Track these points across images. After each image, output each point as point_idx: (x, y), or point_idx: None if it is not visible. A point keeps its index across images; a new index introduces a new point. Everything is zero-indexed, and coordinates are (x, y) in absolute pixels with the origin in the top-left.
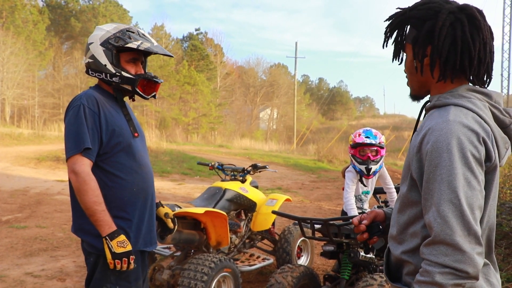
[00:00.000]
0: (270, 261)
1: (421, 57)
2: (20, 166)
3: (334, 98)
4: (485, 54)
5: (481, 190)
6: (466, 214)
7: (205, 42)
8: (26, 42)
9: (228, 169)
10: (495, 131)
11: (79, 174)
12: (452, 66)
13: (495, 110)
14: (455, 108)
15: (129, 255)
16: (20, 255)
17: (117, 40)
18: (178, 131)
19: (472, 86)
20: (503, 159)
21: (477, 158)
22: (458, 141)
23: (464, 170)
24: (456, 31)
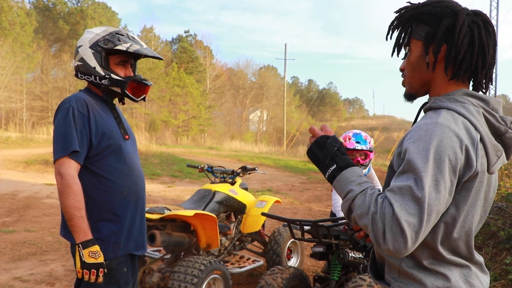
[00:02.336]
0: (260, 263)
1: (436, 54)
2: (8, 170)
3: (323, 100)
4: (493, 60)
5: (445, 197)
6: (424, 213)
7: (195, 44)
8: (13, 44)
9: (217, 171)
10: (485, 138)
11: (64, 176)
12: (468, 66)
13: (490, 117)
14: (447, 112)
15: (98, 267)
16: (8, 260)
17: (106, 43)
18: (167, 133)
19: (470, 91)
20: (495, 166)
21: (452, 164)
22: (439, 143)
23: (436, 172)
24: (473, 32)
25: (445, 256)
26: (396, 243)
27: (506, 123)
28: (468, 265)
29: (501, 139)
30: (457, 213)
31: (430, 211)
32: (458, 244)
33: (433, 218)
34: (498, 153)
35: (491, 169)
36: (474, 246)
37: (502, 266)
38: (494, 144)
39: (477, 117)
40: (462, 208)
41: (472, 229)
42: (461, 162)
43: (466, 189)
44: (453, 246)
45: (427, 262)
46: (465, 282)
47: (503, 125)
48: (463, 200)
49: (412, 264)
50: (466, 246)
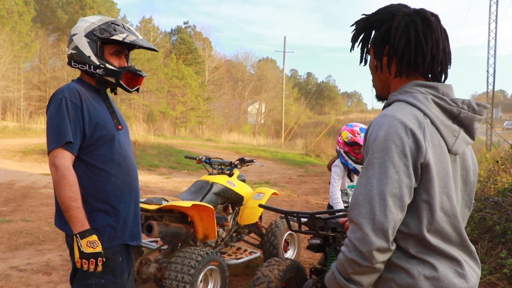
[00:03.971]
0: (257, 255)
1: (380, 56)
2: (5, 159)
3: (322, 93)
4: (438, 52)
5: (400, 180)
6: (374, 200)
7: (194, 35)
8: (11, 33)
9: (215, 163)
10: (435, 120)
11: (59, 167)
12: (407, 63)
13: (440, 101)
14: (397, 103)
15: (97, 257)
16: (5, 249)
17: (102, 32)
18: (166, 124)
19: (420, 81)
20: (455, 147)
21: (400, 148)
22: (385, 133)
23: (384, 160)
24: (410, 30)
25: (433, 244)
26: (362, 240)
27: (458, 104)
28: (458, 257)
29: (457, 120)
30: (429, 197)
31: (382, 197)
32: (444, 228)
33: (391, 202)
34: (455, 133)
35: (452, 149)
36: (468, 238)
37: (497, 260)
38: (447, 125)
39: (425, 103)
40: (432, 191)
41: (456, 212)
42: (410, 145)
43: (427, 172)
44: (440, 231)
45: (414, 251)
46: (454, 272)
47: (455, 106)
48: (430, 183)
49: (400, 254)
50: (454, 230)
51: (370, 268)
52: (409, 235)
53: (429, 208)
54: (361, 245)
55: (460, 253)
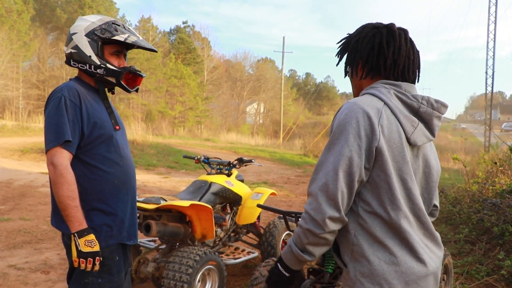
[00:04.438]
0: (255, 255)
1: (351, 63)
2: (4, 158)
3: (321, 93)
4: (399, 57)
5: (352, 158)
6: (329, 175)
7: (193, 35)
8: (10, 32)
9: (214, 162)
10: (395, 109)
11: (57, 166)
12: (371, 65)
13: (402, 96)
14: (364, 95)
15: (95, 256)
16: (3, 248)
17: (103, 32)
18: (164, 124)
19: (385, 80)
20: (414, 137)
21: (355, 130)
22: (344, 116)
23: (340, 140)
24: (375, 39)
25: (396, 223)
26: (317, 210)
27: (418, 100)
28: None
29: (418, 113)
30: (386, 177)
31: (335, 171)
32: (404, 209)
33: (342, 176)
34: (414, 123)
35: (411, 138)
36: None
37: (495, 261)
38: (406, 115)
39: (387, 95)
40: (389, 171)
41: (412, 196)
42: (365, 128)
43: (381, 154)
44: (401, 210)
45: (380, 233)
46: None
47: (415, 101)
48: (385, 164)
49: (363, 242)
50: (412, 213)
51: (322, 238)
52: (375, 214)
53: (388, 187)
54: (316, 214)
55: (422, 237)
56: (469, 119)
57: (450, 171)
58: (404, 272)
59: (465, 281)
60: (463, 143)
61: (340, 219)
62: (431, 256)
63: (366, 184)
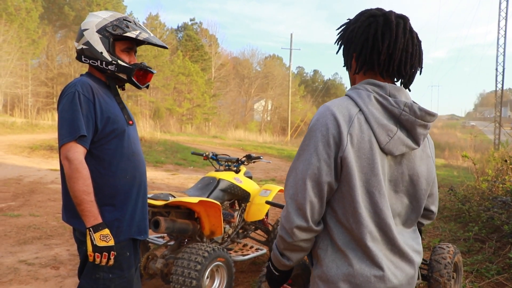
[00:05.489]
0: (263, 251)
1: (346, 54)
2: (13, 155)
3: (328, 91)
4: (395, 51)
5: (320, 167)
6: (298, 183)
7: (200, 32)
8: (19, 30)
9: (222, 159)
10: (370, 118)
11: (72, 161)
12: (364, 59)
13: (383, 100)
14: (342, 97)
15: (110, 250)
16: (14, 243)
17: (115, 28)
18: (172, 121)
19: (371, 80)
20: (390, 146)
21: (325, 137)
22: (315, 122)
23: (309, 146)
24: (370, 30)
25: (358, 236)
26: (286, 218)
27: (399, 106)
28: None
29: (399, 120)
30: (350, 189)
31: (303, 180)
32: (368, 223)
33: (310, 186)
34: (390, 133)
35: (385, 148)
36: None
37: (506, 260)
38: (383, 123)
39: (365, 99)
40: (352, 183)
41: (380, 211)
42: (334, 136)
43: (346, 164)
44: (364, 225)
45: (341, 242)
46: (372, 271)
47: (396, 107)
48: (350, 176)
49: (326, 248)
50: (378, 228)
51: (294, 245)
52: (340, 223)
53: (351, 200)
54: (286, 223)
55: (387, 253)
56: (479, 116)
57: (459, 169)
58: (359, 285)
59: (475, 279)
60: (472, 140)
61: (309, 229)
62: (395, 272)
63: (334, 192)
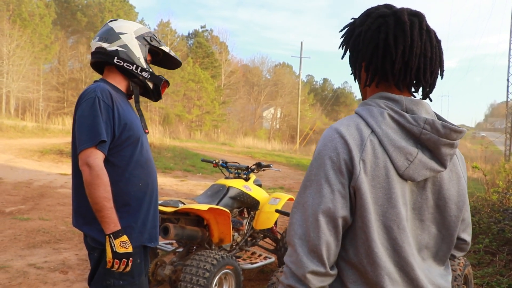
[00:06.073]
0: (271, 260)
1: (354, 64)
2: (24, 159)
3: (338, 99)
4: (412, 58)
5: (334, 199)
6: (309, 221)
7: (210, 39)
8: (32, 35)
9: (232, 167)
10: (384, 141)
11: (93, 167)
12: (375, 70)
13: (399, 118)
14: (350, 115)
15: (129, 257)
16: (23, 247)
17: (152, 40)
18: (181, 128)
19: (384, 93)
20: (410, 171)
21: (336, 164)
22: (322, 147)
23: (319, 176)
24: (380, 34)
25: (373, 280)
26: (297, 263)
27: (419, 123)
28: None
29: (419, 141)
30: (363, 225)
31: (315, 217)
32: (385, 263)
33: (324, 223)
34: (409, 156)
35: (404, 174)
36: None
37: None
38: (400, 146)
39: (378, 118)
40: (367, 218)
41: (399, 248)
42: (346, 161)
43: (359, 196)
44: (381, 266)
45: (352, 285)
46: None
47: (415, 125)
48: (363, 209)
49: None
50: (398, 268)
51: None
52: (349, 263)
53: (365, 238)
54: (297, 269)
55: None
56: (489, 127)
57: (470, 180)
58: None
59: None
60: (483, 151)
61: (326, 274)
62: None
63: None
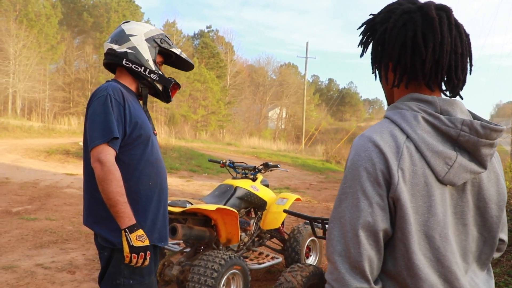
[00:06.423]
0: (279, 260)
1: (378, 63)
2: (30, 159)
3: (343, 99)
4: (443, 55)
5: (373, 212)
6: (348, 236)
7: (216, 39)
8: (38, 35)
9: (239, 167)
10: (421, 146)
11: (105, 163)
12: (404, 70)
13: (434, 121)
14: (382, 121)
15: (146, 250)
16: (31, 247)
17: (162, 42)
18: (187, 128)
19: (416, 94)
20: (450, 176)
21: (372, 175)
22: (357, 157)
23: (355, 189)
24: (407, 32)
25: None
26: (339, 281)
27: (456, 125)
28: None
29: (456, 143)
30: (403, 237)
31: (355, 232)
32: (428, 275)
33: (364, 237)
34: (448, 161)
35: (444, 180)
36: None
37: None
38: (438, 150)
39: (412, 123)
40: (407, 229)
41: (442, 257)
42: (384, 172)
43: (399, 207)
44: (423, 278)
45: None
46: None
47: (452, 127)
48: (403, 220)
49: None
50: (441, 279)
51: None
52: (388, 274)
53: (405, 250)
54: (339, 287)
55: None
56: None
57: None
58: None
59: None
60: None
61: (353, 282)
62: None
63: None
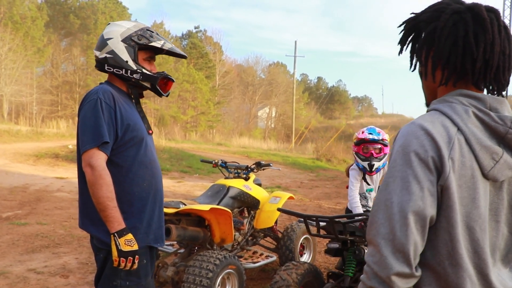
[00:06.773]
0: (273, 259)
1: (425, 61)
2: (19, 163)
3: (332, 97)
4: (492, 56)
5: (423, 197)
6: (394, 219)
7: (204, 40)
8: (24, 38)
9: (231, 166)
10: (470, 138)
11: (96, 168)
12: (454, 69)
13: (484, 116)
14: (431, 112)
15: (135, 255)
16: (22, 252)
17: (140, 38)
18: (176, 129)
19: (465, 91)
20: (495, 171)
21: (422, 158)
22: (405, 141)
23: (405, 173)
24: (458, 31)
25: (453, 282)
26: (380, 264)
27: (505, 123)
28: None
29: (504, 141)
30: (449, 226)
31: (403, 214)
32: (467, 264)
33: (413, 221)
34: (495, 156)
35: (489, 175)
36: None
37: None
38: (486, 145)
39: (463, 116)
40: (453, 219)
41: (480, 249)
42: (434, 159)
43: (447, 196)
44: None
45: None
46: None
47: (501, 124)
48: (450, 209)
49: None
50: (476, 270)
51: None
52: (425, 264)
53: (449, 238)
54: (380, 270)
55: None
56: None
57: None
58: None
59: None
60: None
61: (411, 276)
62: None
63: None
